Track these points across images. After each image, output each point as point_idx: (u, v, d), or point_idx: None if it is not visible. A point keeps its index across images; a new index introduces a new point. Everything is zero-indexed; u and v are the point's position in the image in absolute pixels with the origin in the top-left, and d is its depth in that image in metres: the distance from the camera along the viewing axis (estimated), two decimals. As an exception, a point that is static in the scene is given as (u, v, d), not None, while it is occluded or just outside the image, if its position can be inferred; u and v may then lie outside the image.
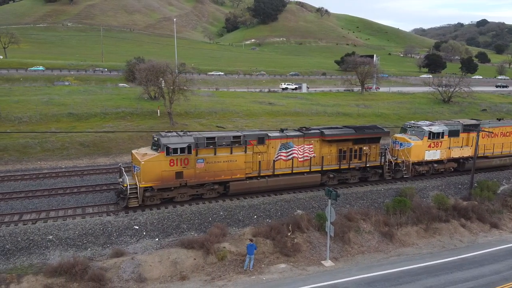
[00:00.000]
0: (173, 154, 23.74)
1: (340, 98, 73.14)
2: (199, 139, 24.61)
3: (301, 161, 27.84)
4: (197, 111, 50.03)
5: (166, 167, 23.75)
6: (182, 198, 25.06)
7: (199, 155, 24.61)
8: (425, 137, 30.93)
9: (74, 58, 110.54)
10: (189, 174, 24.46)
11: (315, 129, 28.92)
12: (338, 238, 22.54)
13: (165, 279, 18.88)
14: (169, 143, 23.63)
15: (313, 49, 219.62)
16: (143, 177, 23.43)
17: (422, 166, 31.78)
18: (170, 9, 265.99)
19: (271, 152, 26.89)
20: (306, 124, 48.30)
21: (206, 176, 24.98)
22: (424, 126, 31.49)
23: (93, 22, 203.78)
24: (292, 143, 27.47)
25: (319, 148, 28.22)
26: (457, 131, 32.72)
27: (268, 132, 27.49)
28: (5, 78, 75.00)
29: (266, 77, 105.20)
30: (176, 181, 24.23)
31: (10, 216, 22.53)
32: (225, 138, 25.31)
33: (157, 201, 24.45)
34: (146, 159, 23.46)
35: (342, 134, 28.70)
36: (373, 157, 30.05)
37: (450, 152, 32.50)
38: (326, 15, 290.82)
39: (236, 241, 21.37)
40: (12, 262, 18.66)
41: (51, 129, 40.59)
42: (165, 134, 24.85)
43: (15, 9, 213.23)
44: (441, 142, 31.68)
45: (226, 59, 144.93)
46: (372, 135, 29.72)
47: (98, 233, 21.23)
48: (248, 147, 25.94)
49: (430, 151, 31.40)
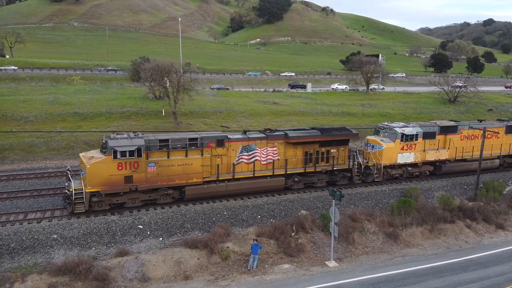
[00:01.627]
0: (121, 158, 22.46)
1: (345, 97, 72.86)
2: (150, 142, 23.47)
3: (265, 164, 26.78)
4: (202, 111, 50.06)
5: (114, 171, 22.54)
6: (133, 204, 23.89)
7: (151, 159, 23.41)
8: (397, 139, 29.66)
9: (80, 57, 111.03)
10: (140, 179, 23.21)
11: (279, 131, 27.94)
12: (342, 238, 22.46)
13: (169, 278, 18.91)
14: (116, 146, 22.40)
15: (318, 49, 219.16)
16: (89, 181, 22.31)
17: (395, 170, 30.49)
18: (175, 9, 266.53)
19: (232, 155, 25.80)
20: (311, 124, 48.23)
21: (158, 181, 23.75)
22: (397, 128, 30.19)
23: (99, 22, 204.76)
24: (255, 145, 26.42)
25: (283, 150, 27.18)
26: (433, 133, 31.32)
27: (228, 134, 26.47)
28: (12, 77, 75.45)
29: (271, 77, 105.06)
30: (125, 185, 23.01)
31: (15, 215, 22.68)
32: (180, 141, 24.18)
33: (105, 207, 23.30)
34: (92, 163, 22.28)
35: (307, 136, 27.68)
36: (342, 160, 29.02)
37: (425, 155, 31.09)
38: (332, 14, 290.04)
39: (240, 241, 21.37)
40: (16, 261, 18.77)
41: (56, 128, 40.79)
42: (114, 136, 23.62)
43: (21, 9, 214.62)
44: (415, 144, 30.31)
45: (231, 58, 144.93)
46: (340, 137, 28.70)
47: (102, 232, 21.31)
48: (206, 150, 24.82)
49: (403, 154, 30.05)
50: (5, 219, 22.25)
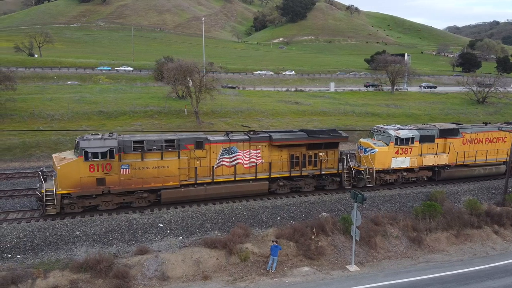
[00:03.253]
0: (93, 159, 21.92)
1: (369, 97, 71.75)
2: (124, 143, 22.80)
3: (247, 167, 25.84)
4: (223, 110, 50.20)
5: (85, 172, 22.03)
6: (107, 207, 23.36)
7: (124, 160, 22.76)
8: (391, 143, 28.09)
9: (106, 57, 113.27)
10: (113, 181, 22.60)
11: (263, 133, 26.88)
12: (364, 242, 21.99)
13: (188, 278, 18.93)
14: (87, 147, 21.83)
15: (342, 48, 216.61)
16: (60, 183, 21.90)
17: (389, 175, 28.95)
18: (199, 8, 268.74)
19: (212, 158, 24.93)
20: (333, 124, 47.65)
21: (132, 183, 23.08)
22: (391, 130, 28.60)
23: (125, 22, 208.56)
24: (236, 147, 25.48)
25: (267, 153, 26.19)
26: (431, 137, 29.68)
27: (209, 136, 25.67)
28: (40, 76, 77.72)
29: (293, 76, 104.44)
30: (97, 188, 22.45)
31: (39, 211, 23.10)
32: (156, 142, 23.39)
33: (78, 209, 22.83)
34: (63, 164, 21.83)
35: (292, 139, 26.49)
36: (331, 164, 27.81)
37: (422, 159, 29.37)
38: (356, 13, 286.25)
39: (259, 242, 21.19)
40: (40, 257, 19.16)
41: (82, 126, 41.67)
42: (86, 137, 22.89)
43: (50, 9, 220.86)
44: (410, 148, 28.65)
45: (254, 58, 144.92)
46: (328, 140, 27.35)
47: (123, 230, 21.54)
48: (184, 152, 24.01)
49: (397, 158, 28.44)
50: (30, 215, 22.79)
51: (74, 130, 39.43)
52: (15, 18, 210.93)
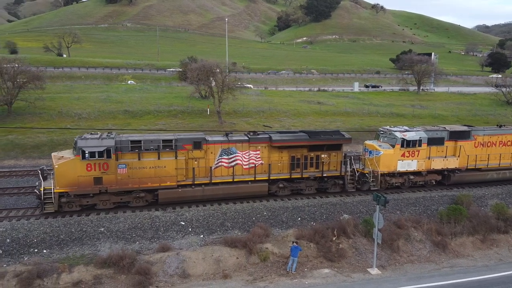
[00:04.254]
0: (90, 158, 22.07)
1: (394, 98, 70.55)
2: (122, 143, 22.86)
3: (247, 168, 25.47)
4: (245, 110, 50.36)
5: (82, 171, 22.16)
6: (104, 206, 23.44)
7: (121, 160, 22.83)
8: (397, 145, 27.15)
9: (132, 57, 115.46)
10: (110, 180, 22.69)
11: (263, 134, 26.45)
12: (386, 245, 21.65)
13: (208, 276, 19.11)
14: (84, 146, 21.99)
15: (367, 47, 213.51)
16: (58, 181, 22.11)
17: (395, 178, 28.06)
18: (223, 9, 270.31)
19: (210, 158, 24.71)
20: (356, 125, 47.09)
21: (129, 183, 23.11)
22: (397, 132, 27.66)
23: (150, 23, 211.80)
24: (235, 148, 25.18)
25: (267, 154, 25.71)
26: (441, 139, 28.56)
27: (207, 136, 25.47)
28: (68, 75, 79.93)
29: (316, 76, 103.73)
30: (94, 187, 22.57)
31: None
32: (153, 142, 23.37)
33: (76, 208, 23.01)
34: (60, 163, 22.02)
35: (293, 140, 26.03)
36: (334, 166, 27.11)
37: (431, 162, 28.30)
38: (382, 11, 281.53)
39: (279, 243, 21.18)
40: (65, 252, 19.71)
41: (108, 125, 42.59)
42: (85, 136, 23.05)
43: (78, 10, 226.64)
44: (418, 151, 27.62)
45: (277, 57, 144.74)
46: (331, 141, 26.68)
47: (146, 227, 21.91)
48: (181, 152, 23.88)
49: (404, 161, 27.44)
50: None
51: (100, 128, 40.35)
52: (44, 18, 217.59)
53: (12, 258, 19.05)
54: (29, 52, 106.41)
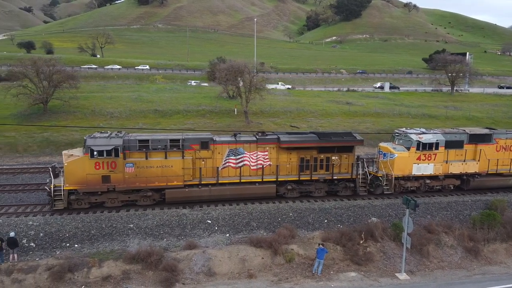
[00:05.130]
0: (98, 157, 22.37)
1: (426, 98, 68.76)
2: (130, 142, 23.05)
3: (254, 169, 25.16)
4: (272, 110, 50.34)
5: (91, 170, 22.50)
6: (112, 204, 23.68)
7: (129, 159, 23.02)
8: (413, 148, 26.29)
9: (162, 57, 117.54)
10: (117, 179, 22.95)
11: (272, 135, 26.06)
12: (415, 250, 21.13)
13: (233, 275, 19.20)
14: (93, 145, 22.33)
15: (399, 46, 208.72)
16: (67, 179, 22.56)
17: (410, 182, 27.13)
18: (253, 9, 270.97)
19: (217, 158, 24.58)
20: (386, 126, 46.17)
21: (136, 182, 23.30)
22: (413, 135, 26.77)
23: (181, 23, 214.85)
24: (243, 149, 24.91)
25: (275, 155, 25.32)
26: (460, 142, 27.51)
27: (215, 136, 25.25)
28: (101, 75, 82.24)
29: (346, 76, 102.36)
30: (103, 185, 22.86)
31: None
32: (160, 142, 23.44)
33: (85, 205, 23.33)
34: (69, 161, 22.45)
35: (301, 141, 25.53)
36: (345, 169, 26.40)
37: (448, 166, 27.28)
38: (415, 10, 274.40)
39: (305, 244, 21.03)
40: (95, 247, 20.30)
41: (138, 124, 43.62)
42: (94, 135, 23.41)
43: (111, 12, 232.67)
44: (434, 154, 26.66)
45: (305, 57, 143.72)
46: (342, 143, 26.00)
47: (174, 225, 22.25)
48: (188, 152, 23.86)
49: (419, 165, 26.56)
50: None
51: (131, 128, 41.35)
52: (79, 20, 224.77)
53: (45, 252, 19.78)
54: (64, 52, 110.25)
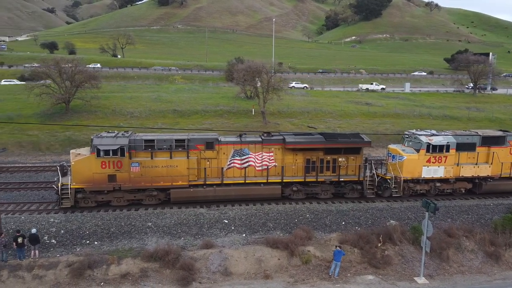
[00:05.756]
0: (104, 156, 22.66)
1: (448, 99, 67.40)
2: (136, 141, 23.30)
3: (259, 170, 25.14)
4: (290, 111, 50.21)
5: (97, 169, 22.82)
6: (118, 203, 23.93)
7: (134, 158, 23.27)
8: (422, 150, 25.72)
9: (181, 58, 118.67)
10: (123, 178, 23.20)
11: (277, 135, 25.95)
12: (434, 254, 20.71)
13: (249, 275, 19.23)
14: (99, 144, 22.62)
15: (420, 46, 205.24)
16: (74, 178, 22.88)
17: (420, 185, 26.60)
18: (271, 9, 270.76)
19: (222, 159, 24.64)
20: (406, 127, 45.39)
21: (142, 181, 23.51)
22: (423, 137, 26.19)
23: (200, 24, 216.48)
24: (248, 149, 24.90)
25: (281, 156, 25.23)
26: (471, 145, 26.79)
27: (220, 137, 25.31)
28: (122, 75, 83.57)
29: (365, 76, 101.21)
30: (109, 184, 23.14)
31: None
32: (166, 141, 23.64)
33: (91, 204, 23.63)
34: (76, 160, 22.84)
35: (307, 142, 25.29)
36: (352, 171, 26.04)
37: (459, 169, 26.62)
38: (436, 9, 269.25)
39: (322, 246, 20.89)
40: (114, 245, 20.64)
41: (158, 124, 44.16)
42: (101, 134, 23.78)
43: (132, 12, 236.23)
44: (445, 156, 26.01)
45: (324, 57, 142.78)
46: (348, 144, 25.65)
47: (191, 224, 22.45)
48: (193, 152, 23.99)
49: (429, 167, 25.98)
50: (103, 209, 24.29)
51: (150, 127, 41.89)
52: (100, 21, 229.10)
53: (65, 248, 20.21)
54: (86, 52, 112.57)
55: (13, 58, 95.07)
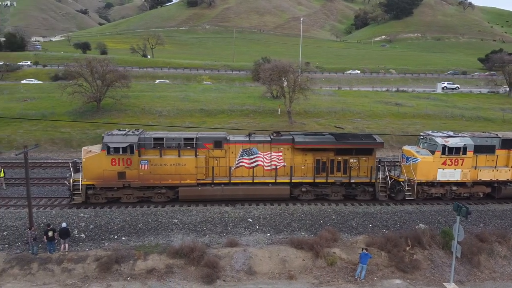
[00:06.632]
0: (114, 153, 23.00)
1: (482, 100, 65.09)
2: (145, 139, 23.56)
3: (268, 170, 24.88)
4: (316, 111, 49.72)
5: (107, 166, 23.15)
6: (128, 200, 24.19)
7: (144, 156, 23.51)
8: (437, 152, 24.79)
9: (209, 58, 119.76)
10: (132, 175, 23.46)
11: (286, 135, 25.59)
12: (465, 259, 20.01)
13: (273, 275, 19.13)
14: (109, 142, 22.97)
15: (452, 46, 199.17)
16: (85, 174, 23.33)
17: (435, 188, 25.63)
18: (299, 8, 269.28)
19: (231, 158, 24.53)
20: (437, 128, 44.11)
21: (151, 179, 23.74)
22: (438, 138, 25.17)
23: (228, 24, 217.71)
24: (257, 149, 24.70)
25: (290, 156, 24.90)
26: (490, 147, 25.60)
27: (229, 136, 25.13)
28: (151, 75, 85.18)
29: (395, 76, 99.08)
30: (118, 181, 23.43)
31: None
32: (174, 140, 23.76)
33: (102, 200, 23.95)
34: (87, 156, 23.27)
35: (317, 142, 24.85)
36: (364, 172, 25.34)
37: (477, 173, 25.52)
38: (470, 8, 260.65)
39: (348, 248, 20.54)
40: (141, 240, 20.97)
41: (185, 123, 44.69)
42: (111, 132, 24.26)
43: (162, 14, 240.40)
44: (462, 159, 25.02)
45: (352, 57, 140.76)
46: (360, 145, 24.99)
47: (216, 222, 22.57)
48: (201, 151, 24.03)
49: (445, 170, 25.00)
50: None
51: (178, 126, 42.41)
52: (131, 22, 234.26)
53: (94, 243, 20.69)
54: (117, 53, 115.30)
55: (48, 58, 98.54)
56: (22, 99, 52.01)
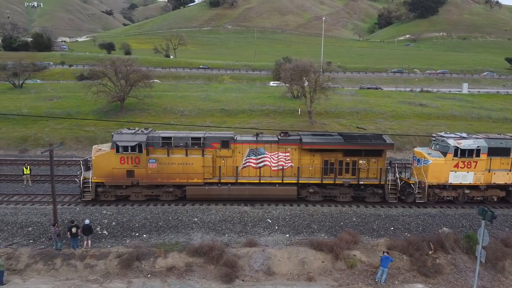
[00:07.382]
0: (123, 152, 23.39)
1: (510, 101, 63.01)
2: (153, 138, 23.87)
3: (275, 170, 24.78)
4: (338, 111, 49.20)
5: (116, 164, 23.56)
6: (136, 198, 24.50)
7: (152, 155, 23.81)
8: (449, 154, 24.11)
9: (230, 58, 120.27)
10: (141, 174, 23.83)
11: (294, 135, 25.36)
12: (490, 264, 19.48)
13: (292, 276, 19.07)
14: (118, 140, 23.37)
15: (479, 45, 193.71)
16: (95, 172, 23.80)
17: (447, 191, 24.92)
18: (322, 8, 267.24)
19: (238, 158, 24.56)
20: (463, 130, 43.00)
21: (159, 178, 24.03)
22: (451, 140, 24.42)
23: (249, 24, 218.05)
24: (264, 149, 24.65)
25: (297, 157, 24.71)
26: (506, 150, 24.69)
27: (237, 135, 25.02)
28: (174, 75, 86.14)
29: (419, 76, 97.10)
30: (127, 179, 23.83)
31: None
32: (182, 139, 24.00)
33: (111, 198, 24.33)
34: (97, 155, 23.71)
35: (325, 143, 24.52)
36: (373, 174, 24.80)
37: (491, 176, 24.64)
38: (497, 6, 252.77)
39: (368, 251, 20.26)
40: (162, 238, 21.27)
41: (206, 122, 45.01)
42: (121, 131, 24.63)
43: (184, 14, 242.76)
44: (475, 162, 24.23)
45: (375, 56, 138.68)
46: (369, 146, 24.47)
47: (235, 221, 22.68)
48: (208, 150, 24.17)
49: (457, 173, 24.32)
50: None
51: (199, 125, 42.73)
52: (154, 22, 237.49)
53: (116, 240, 21.11)
54: (141, 53, 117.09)
55: (73, 58, 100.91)
56: (49, 98, 53.48)
